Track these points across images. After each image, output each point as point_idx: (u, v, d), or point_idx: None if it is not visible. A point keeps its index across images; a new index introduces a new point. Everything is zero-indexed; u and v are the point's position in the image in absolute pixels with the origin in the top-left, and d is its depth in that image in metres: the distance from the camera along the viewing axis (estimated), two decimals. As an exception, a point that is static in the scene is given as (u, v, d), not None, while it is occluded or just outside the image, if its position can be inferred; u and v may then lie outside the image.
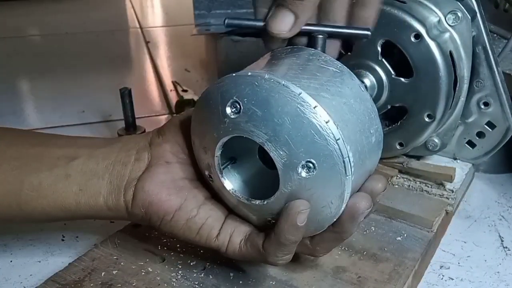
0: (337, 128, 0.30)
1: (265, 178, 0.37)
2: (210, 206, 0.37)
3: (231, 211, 0.37)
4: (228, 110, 0.32)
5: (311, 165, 0.30)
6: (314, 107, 0.30)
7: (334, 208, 0.32)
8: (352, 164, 0.31)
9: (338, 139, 0.30)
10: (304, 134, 0.30)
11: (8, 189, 0.38)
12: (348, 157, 0.30)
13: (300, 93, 0.30)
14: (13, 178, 0.38)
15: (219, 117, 0.33)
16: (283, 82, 0.30)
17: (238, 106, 0.32)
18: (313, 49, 0.36)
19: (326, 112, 0.30)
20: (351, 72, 0.35)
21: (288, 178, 0.31)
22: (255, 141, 0.32)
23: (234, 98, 0.32)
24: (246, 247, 0.36)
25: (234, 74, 0.32)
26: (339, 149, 0.30)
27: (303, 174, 0.31)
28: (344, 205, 0.32)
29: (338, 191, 0.31)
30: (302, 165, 0.31)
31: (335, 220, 0.33)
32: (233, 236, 0.36)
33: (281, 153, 0.31)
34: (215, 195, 0.38)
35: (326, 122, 0.30)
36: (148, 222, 0.38)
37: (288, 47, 0.37)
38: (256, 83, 0.31)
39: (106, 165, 0.38)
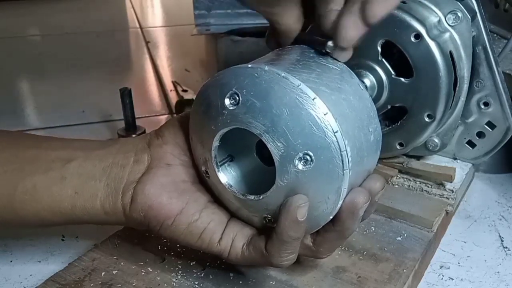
0: (336, 121, 0.30)
1: (262, 176, 0.36)
2: (212, 210, 0.37)
3: (233, 215, 0.37)
4: (227, 101, 0.32)
5: (308, 157, 0.30)
6: (313, 99, 0.30)
7: (330, 204, 0.32)
8: (350, 159, 0.30)
9: (336, 131, 0.30)
10: (302, 126, 0.30)
11: (2, 193, 0.37)
12: (346, 151, 0.30)
13: (299, 85, 0.30)
14: (6, 181, 0.37)
15: (217, 109, 0.33)
16: (283, 74, 0.30)
17: (237, 98, 0.32)
18: (314, 48, 0.36)
19: (325, 104, 0.30)
20: (351, 71, 0.35)
21: (285, 171, 0.31)
22: (253, 132, 0.31)
23: (234, 89, 0.32)
24: (249, 251, 0.35)
25: (234, 67, 0.33)
26: (337, 141, 0.30)
27: (300, 166, 0.31)
28: (341, 201, 0.32)
29: (335, 186, 0.31)
30: (299, 158, 0.30)
31: (331, 217, 0.33)
32: (236, 240, 0.36)
33: (279, 144, 0.31)
34: (217, 200, 0.38)
35: (325, 114, 0.30)
36: (146, 227, 0.37)
37: (290, 46, 0.37)
38: (256, 74, 0.31)
39: (103, 167, 0.37)
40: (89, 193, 0.37)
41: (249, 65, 0.32)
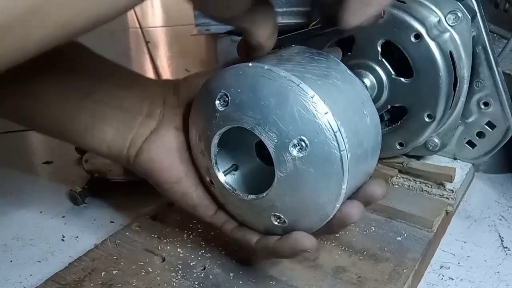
0: (324, 103, 0.30)
1: (266, 178, 0.36)
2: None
3: (242, 224, 0.38)
4: (217, 103, 0.32)
5: (303, 143, 0.30)
6: (298, 85, 0.30)
7: (333, 189, 0.31)
8: (345, 140, 0.30)
9: (326, 112, 0.29)
10: (291, 112, 0.30)
11: (21, 111, 0.37)
12: (339, 131, 0.30)
13: (283, 74, 0.30)
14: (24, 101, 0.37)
15: (210, 114, 0.33)
16: (266, 67, 0.31)
17: (227, 98, 0.32)
18: (299, 46, 0.36)
19: (311, 88, 0.30)
20: (338, 60, 0.34)
21: (282, 160, 0.31)
22: (245, 128, 0.31)
23: (222, 91, 0.32)
24: (243, 232, 0.37)
25: (218, 71, 0.33)
26: (328, 122, 0.29)
27: (295, 153, 0.30)
28: (344, 185, 0.31)
29: (334, 169, 0.30)
30: (294, 144, 0.30)
31: (338, 206, 0.32)
32: (229, 222, 0.38)
33: (271, 134, 0.31)
34: (222, 208, 0.38)
35: (312, 97, 0.30)
36: (146, 179, 0.38)
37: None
38: (241, 72, 0.31)
39: (117, 111, 0.37)
40: (97, 134, 0.37)
41: (234, 66, 0.32)
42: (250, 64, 0.31)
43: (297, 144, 0.30)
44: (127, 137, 0.37)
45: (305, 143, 0.30)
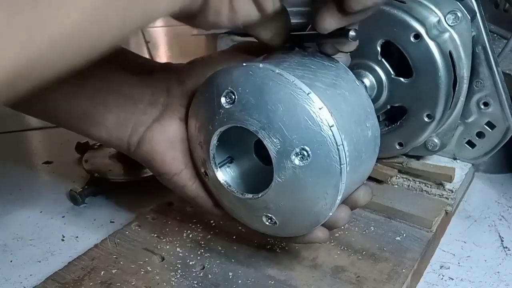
0: (331, 115, 0.30)
1: (262, 176, 0.36)
2: None
3: (235, 219, 0.38)
4: (223, 100, 0.32)
5: (305, 153, 0.30)
6: (308, 94, 0.30)
7: (329, 199, 0.32)
8: (347, 154, 0.30)
9: (332, 125, 0.30)
10: (298, 121, 0.30)
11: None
12: (343, 145, 0.30)
13: (293, 81, 0.30)
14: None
15: (214, 108, 0.33)
16: (277, 71, 0.30)
17: (233, 96, 0.32)
18: (310, 48, 0.36)
19: (319, 99, 0.30)
20: (347, 68, 0.35)
21: (282, 167, 0.31)
22: (249, 130, 0.31)
23: (229, 88, 0.32)
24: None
25: (228, 66, 0.33)
26: (333, 135, 0.30)
27: (297, 162, 0.30)
28: (339, 197, 0.32)
29: (333, 181, 0.31)
30: (296, 153, 0.30)
31: (330, 214, 0.33)
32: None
33: (275, 140, 0.31)
34: (217, 203, 0.38)
35: (320, 109, 0.30)
36: (146, 166, 0.39)
37: (286, 45, 0.37)
38: (251, 72, 0.31)
39: (117, 97, 0.36)
40: (97, 119, 0.36)
41: (244, 64, 0.32)
42: (260, 65, 0.31)
43: (299, 153, 0.30)
44: (128, 124, 0.37)
45: (307, 153, 0.30)
